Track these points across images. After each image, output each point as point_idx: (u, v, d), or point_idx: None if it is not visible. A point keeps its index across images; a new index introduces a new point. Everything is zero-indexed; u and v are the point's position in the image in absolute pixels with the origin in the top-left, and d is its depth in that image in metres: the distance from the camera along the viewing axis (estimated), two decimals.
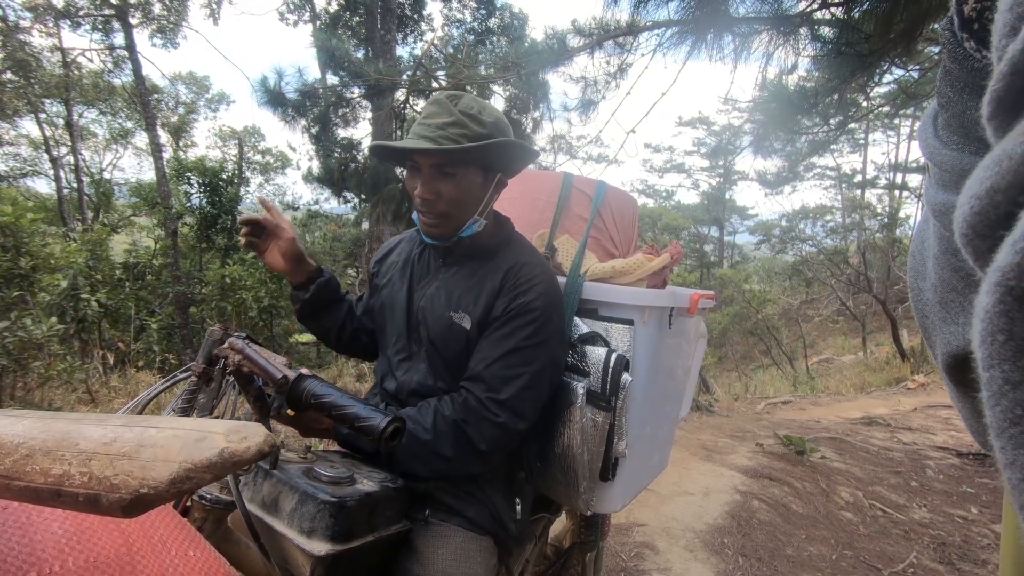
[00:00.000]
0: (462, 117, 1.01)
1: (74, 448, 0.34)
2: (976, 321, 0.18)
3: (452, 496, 1.04)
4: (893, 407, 6.97)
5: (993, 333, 0.17)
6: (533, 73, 4.16)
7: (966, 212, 0.20)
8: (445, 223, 1.06)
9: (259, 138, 20.79)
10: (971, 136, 0.28)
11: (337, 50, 5.11)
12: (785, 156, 7.04)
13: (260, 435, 0.37)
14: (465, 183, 1.04)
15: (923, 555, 2.87)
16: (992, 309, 0.17)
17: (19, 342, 4.55)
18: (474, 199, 1.07)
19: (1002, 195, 0.18)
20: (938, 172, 0.30)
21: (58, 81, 12.42)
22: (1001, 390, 0.17)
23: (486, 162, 1.07)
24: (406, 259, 1.22)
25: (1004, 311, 0.17)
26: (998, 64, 0.20)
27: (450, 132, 1.00)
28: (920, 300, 0.33)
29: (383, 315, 1.21)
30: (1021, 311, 0.17)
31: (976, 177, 0.19)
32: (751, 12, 3.46)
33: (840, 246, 18.01)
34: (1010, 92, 0.20)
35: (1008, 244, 0.17)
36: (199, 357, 0.93)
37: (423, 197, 1.03)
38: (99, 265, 7.88)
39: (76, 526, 0.48)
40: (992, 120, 0.21)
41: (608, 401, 1.11)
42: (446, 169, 1.03)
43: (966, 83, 0.27)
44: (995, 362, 0.18)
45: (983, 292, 0.18)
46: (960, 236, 0.20)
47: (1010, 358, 0.17)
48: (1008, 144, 0.18)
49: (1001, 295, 0.17)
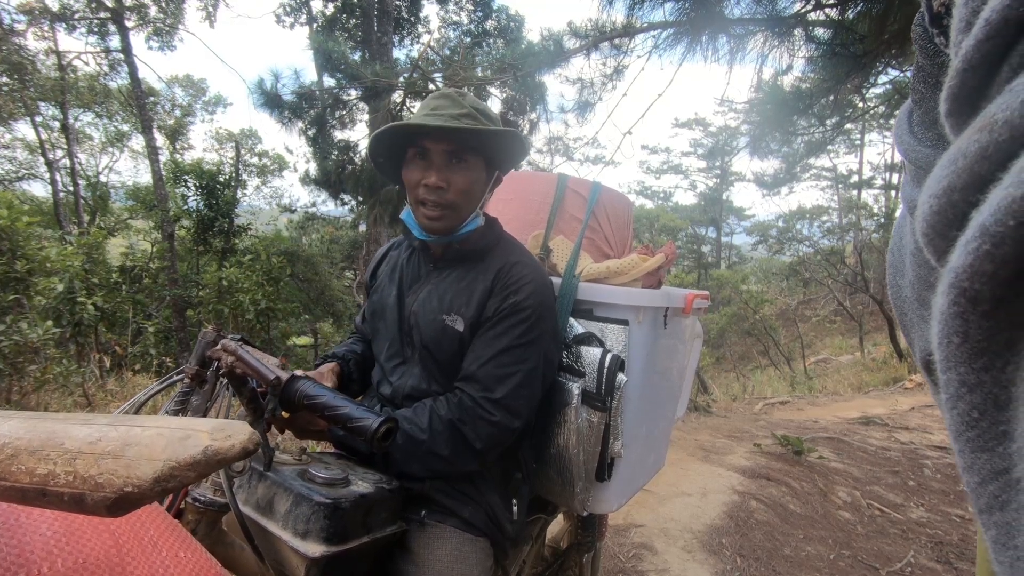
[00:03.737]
0: (473, 111, 1.03)
1: (59, 448, 0.34)
2: (933, 323, 0.18)
3: (448, 497, 1.04)
4: (890, 407, 6.99)
5: (949, 335, 0.17)
6: (529, 75, 4.17)
7: (925, 211, 0.19)
8: (451, 215, 1.05)
9: (256, 140, 20.79)
10: (945, 132, 0.28)
11: (334, 52, 5.11)
12: (782, 157, 7.06)
13: (244, 433, 0.37)
14: (472, 174, 1.06)
15: (920, 554, 2.87)
16: (947, 311, 0.17)
17: (15, 346, 4.53)
18: (479, 192, 1.08)
19: (958, 194, 0.18)
20: (913, 169, 0.30)
21: (54, 84, 12.39)
22: (958, 392, 0.17)
23: (490, 156, 1.09)
24: (395, 265, 1.21)
25: (958, 312, 0.17)
26: (954, 60, 0.19)
27: (464, 122, 1.01)
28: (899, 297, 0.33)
29: (375, 322, 1.20)
30: (975, 312, 0.16)
31: (934, 176, 0.19)
32: (746, 13, 3.47)
33: (837, 246, 18.06)
34: (965, 88, 0.19)
35: (961, 245, 0.16)
36: (192, 359, 0.93)
37: (435, 184, 1.02)
38: (95, 268, 7.85)
39: (65, 527, 0.48)
40: (949, 117, 0.21)
41: (603, 401, 1.12)
42: (459, 156, 1.03)
43: (938, 79, 0.27)
44: (952, 364, 0.17)
45: (939, 293, 0.17)
46: (921, 236, 0.20)
47: (965, 360, 0.17)
48: (963, 142, 0.17)
49: (955, 296, 0.16)
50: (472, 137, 1.02)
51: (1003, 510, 0.16)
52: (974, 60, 0.18)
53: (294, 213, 17.54)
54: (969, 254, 0.16)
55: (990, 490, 0.17)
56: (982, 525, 0.17)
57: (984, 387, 0.17)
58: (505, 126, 1.09)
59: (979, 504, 0.17)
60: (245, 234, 10.46)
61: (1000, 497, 0.16)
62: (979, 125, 0.17)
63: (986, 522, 0.17)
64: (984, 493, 0.17)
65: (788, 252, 20.43)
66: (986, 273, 0.16)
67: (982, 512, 0.17)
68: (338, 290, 11.59)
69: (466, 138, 1.02)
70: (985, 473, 0.17)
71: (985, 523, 0.17)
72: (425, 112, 1.04)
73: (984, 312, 0.16)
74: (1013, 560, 0.16)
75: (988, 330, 0.16)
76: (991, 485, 0.17)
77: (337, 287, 11.71)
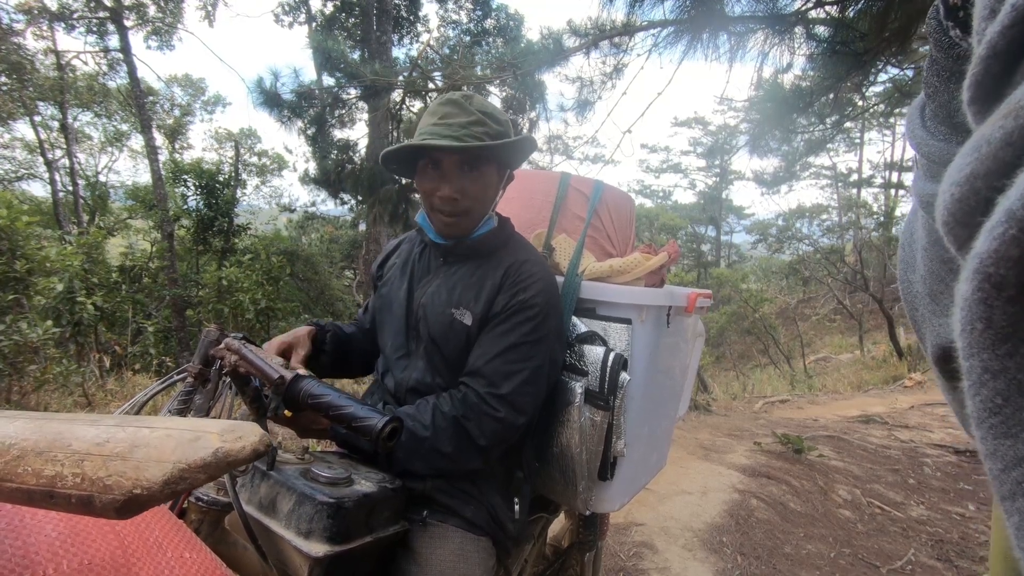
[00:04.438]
0: (482, 116, 1.03)
1: (67, 449, 0.34)
2: (956, 309, 0.18)
3: (450, 496, 1.04)
4: (890, 405, 7.00)
5: (972, 321, 0.17)
6: (529, 73, 4.17)
7: (947, 200, 0.19)
8: (466, 220, 1.08)
9: (255, 140, 20.77)
10: (958, 126, 0.28)
11: (333, 51, 5.10)
12: (781, 155, 7.05)
13: (255, 434, 0.37)
14: (485, 180, 1.07)
15: (921, 552, 2.88)
16: (971, 297, 0.17)
17: (14, 346, 4.52)
18: (492, 196, 1.10)
19: (982, 181, 0.18)
20: (926, 163, 0.30)
21: (53, 84, 12.35)
22: (981, 379, 0.17)
23: (501, 159, 1.10)
24: (406, 259, 1.22)
25: (982, 299, 0.17)
26: (978, 47, 0.19)
27: (474, 131, 1.02)
28: (910, 293, 0.33)
29: (382, 314, 1.21)
30: (1000, 298, 0.16)
31: (956, 164, 0.19)
32: (746, 11, 3.47)
33: (836, 245, 18.07)
34: (988, 75, 0.19)
35: (986, 230, 0.16)
36: (195, 358, 0.92)
37: (448, 196, 1.04)
38: (95, 268, 7.83)
39: (70, 528, 0.48)
40: (972, 105, 0.21)
41: (606, 400, 1.11)
42: (471, 165, 1.05)
43: (952, 72, 0.27)
44: (975, 351, 0.17)
45: (962, 280, 0.17)
46: (942, 225, 0.20)
47: (989, 346, 0.17)
48: (987, 129, 0.17)
49: (979, 282, 0.16)
50: (484, 148, 1.03)
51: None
52: (999, 46, 0.18)
53: (293, 212, 17.53)
54: (995, 239, 0.16)
55: (1013, 476, 0.17)
56: (1004, 512, 0.17)
57: (1008, 373, 0.17)
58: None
59: (1002, 491, 0.17)
60: (245, 233, 10.45)
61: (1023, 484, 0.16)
62: (1004, 111, 0.17)
63: (1009, 509, 0.17)
64: (1008, 480, 0.17)
65: (788, 251, 20.45)
66: (1012, 258, 0.16)
67: (1005, 499, 0.17)
68: (338, 289, 11.59)
69: (480, 150, 1.03)
70: (1009, 460, 0.17)
71: (1008, 510, 0.17)
72: (433, 121, 1.04)
73: (1009, 298, 0.16)
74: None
75: (1013, 316, 0.16)
76: (1015, 471, 0.17)
77: (337, 286, 11.71)
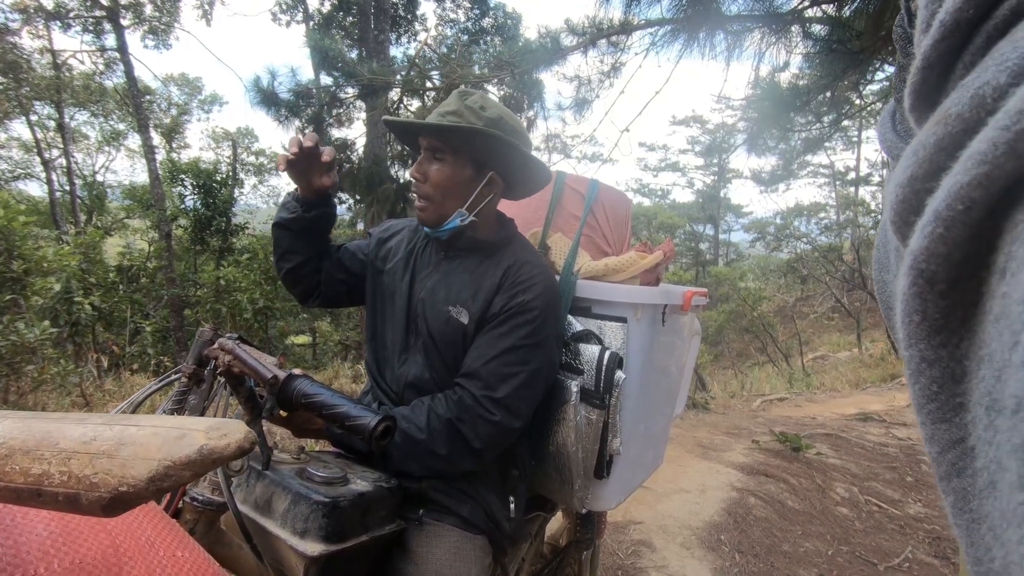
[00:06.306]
0: (463, 108, 1.05)
1: (54, 447, 0.34)
2: (896, 303, 0.19)
3: (446, 495, 1.04)
4: (888, 403, 7.01)
5: (909, 314, 0.18)
6: (527, 72, 4.16)
7: (892, 200, 0.20)
8: (431, 207, 1.09)
9: (252, 139, 20.76)
10: None
11: (331, 50, 5.09)
12: (779, 154, 7.07)
13: (240, 432, 0.37)
14: (452, 171, 1.07)
15: (918, 549, 2.89)
16: (907, 291, 0.18)
17: (11, 346, 4.51)
18: (460, 191, 1.08)
19: (919, 183, 0.19)
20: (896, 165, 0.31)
21: (49, 83, 12.32)
22: (919, 368, 0.18)
23: (478, 156, 1.08)
24: (410, 250, 1.20)
25: (917, 293, 0.18)
26: (915, 58, 0.21)
27: (447, 119, 1.04)
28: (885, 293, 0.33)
29: (383, 305, 1.19)
30: (932, 292, 0.17)
31: (900, 167, 0.20)
32: (743, 10, 3.47)
33: (834, 243, 18.09)
34: (925, 84, 0.21)
35: (918, 229, 0.18)
36: (189, 358, 0.92)
37: (413, 175, 1.10)
38: (92, 268, 7.82)
39: (61, 527, 0.48)
40: (913, 112, 0.22)
41: (602, 399, 1.12)
42: (437, 154, 1.07)
43: None
44: (912, 341, 0.18)
45: (900, 275, 0.18)
46: (890, 224, 0.21)
47: (925, 337, 0.18)
48: (923, 134, 0.19)
49: (914, 277, 0.18)
50: (453, 135, 1.05)
51: (960, 476, 0.18)
52: (932, 59, 0.20)
53: None
54: (925, 237, 0.17)
55: (948, 458, 0.18)
56: (942, 492, 0.19)
57: (942, 362, 0.18)
58: (517, 129, 1.09)
59: (939, 472, 0.18)
60: (242, 233, 10.42)
61: (957, 464, 0.18)
62: (936, 119, 0.18)
63: (945, 488, 0.18)
64: (944, 461, 0.18)
65: (786, 249, 20.45)
66: (940, 255, 0.17)
67: (941, 479, 0.18)
68: None
69: (447, 136, 1.05)
70: (944, 442, 0.18)
71: (944, 489, 0.18)
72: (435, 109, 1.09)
73: (940, 291, 0.17)
74: (968, 523, 0.17)
75: (944, 308, 0.18)
76: (949, 453, 0.18)
77: None
